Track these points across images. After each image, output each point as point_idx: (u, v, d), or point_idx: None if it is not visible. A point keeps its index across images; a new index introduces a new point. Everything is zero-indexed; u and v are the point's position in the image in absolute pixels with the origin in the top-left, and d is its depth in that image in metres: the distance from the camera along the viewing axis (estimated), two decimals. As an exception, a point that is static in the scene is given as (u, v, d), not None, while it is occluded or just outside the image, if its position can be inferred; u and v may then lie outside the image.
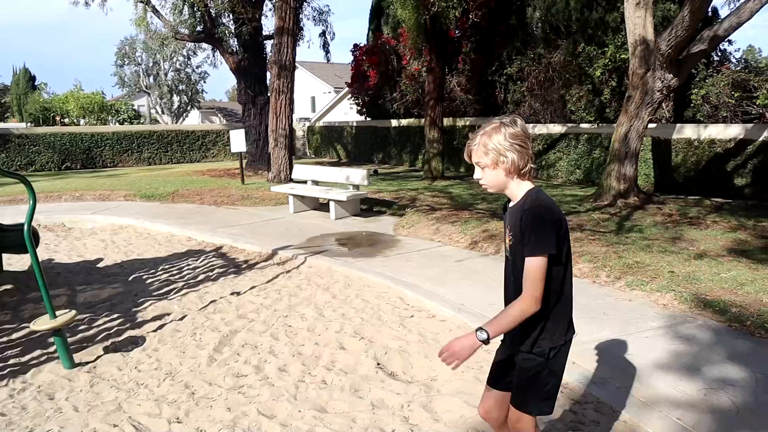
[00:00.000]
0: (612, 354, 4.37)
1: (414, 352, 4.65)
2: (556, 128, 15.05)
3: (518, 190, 2.34)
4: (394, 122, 21.18)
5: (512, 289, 2.42)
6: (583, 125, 14.43)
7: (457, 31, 17.66)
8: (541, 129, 15.43)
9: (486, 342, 2.23)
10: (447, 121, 17.24)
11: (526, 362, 2.41)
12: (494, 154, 2.27)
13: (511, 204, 2.41)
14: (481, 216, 9.48)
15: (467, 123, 17.72)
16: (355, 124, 24.13)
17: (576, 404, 3.70)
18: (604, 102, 14.13)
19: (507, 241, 2.41)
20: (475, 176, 2.39)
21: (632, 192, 10.50)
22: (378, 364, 4.45)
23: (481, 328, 2.24)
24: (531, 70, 15.87)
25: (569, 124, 14.85)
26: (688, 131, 12.08)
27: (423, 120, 17.10)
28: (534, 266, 2.19)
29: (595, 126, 14.11)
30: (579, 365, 4.18)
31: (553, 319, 2.34)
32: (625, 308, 5.40)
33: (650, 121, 10.69)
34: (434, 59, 15.15)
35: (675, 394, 3.72)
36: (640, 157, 11.24)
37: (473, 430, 3.42)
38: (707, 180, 11.64)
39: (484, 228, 8.46)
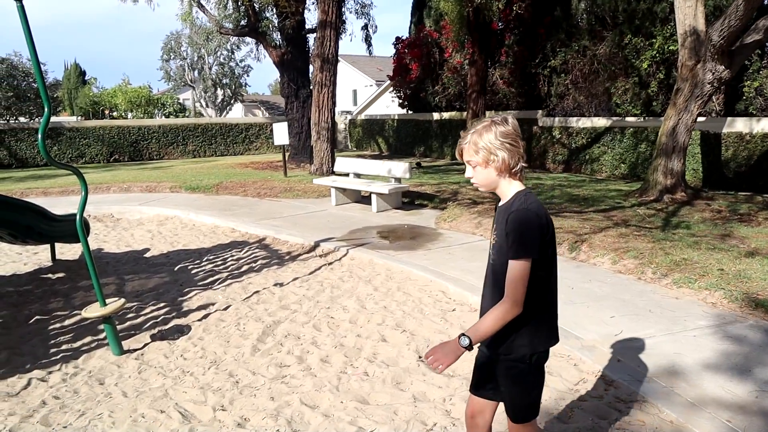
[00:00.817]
0: (658, 352, 4.28)
1: (455, 346, 4.63)
2: (601, 122, 14.78)
3: (508, 189, 2.33)
4: (435, 115, 21.09)
5: (489, 289, 2.40)
6: (629, 119, 14.13)
7: (500, 23, 17.48)
8: (585, 122, 15.18)
9: (469, 348, 2.20)
10: (489, 114, 17.05)
11: (509, 371, 2.37)
12: (485, 152, 2.27)
13: (500, 203, 2.39)
14: (524, 210, 9.37)
15: (510, 116, 17.54)
16: (396, 117, 24.11)
17: (621, 402, 3.64)
18: (650, 95, 13.80)
19: (492, 239, 2.39)
20: (466, 174, 2.39)
21: (679, 187, 10.25)
22: (420, 357, 4.46)
23: (463, 334, 2.22)
24: (575, 62, 15.60)
25: (614, 118, 14.56)
26: (739, 125, 11.71)
27: (465, 113, 17.01)
28: (516, 269, 2.17)
29: (641, 119, 13.80)
30: (624, 363, 4.11)
31: (534, 324, 2.30)
32: (672, 306, 5.28)
33: (699, 115, 10.41)
34: (477, 52, 15.04)
35: (724, 396, 3.63)
36: (688, 151, 10.96)
37: (515, 425, 3.40)
38: (759, 175, 11.28)
39: (527, 222, 8.37)
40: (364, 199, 11.76)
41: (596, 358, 4.22)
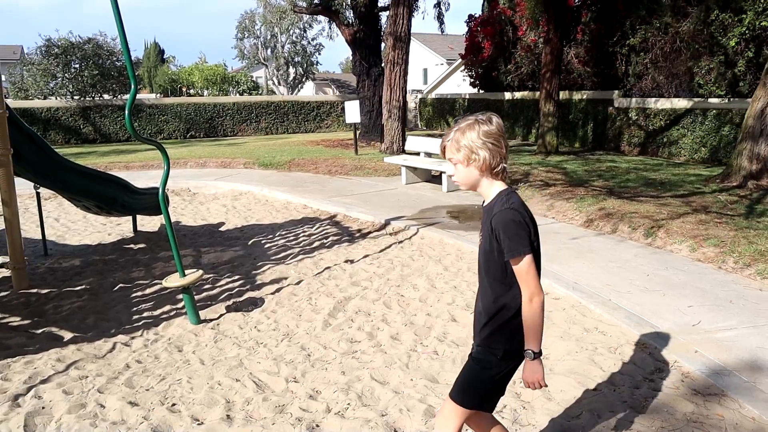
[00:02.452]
0: (739, 345, 4.12)
1: (525, 329, 4.59)
2: (681, 103, 14.15)
3: (490, 189, 2.31)
4: (507, 95, 20.71)
5: (480, 287, 2.40)
6: (712, 100, 13.48)
7: (576, 0, 16.93)
8: (664, 104, 14.58)
9: (539, 354, 2.25)
10: (563, 95, 16.65)
11: (477, 354, 2.38)
12: (466, 150, 2.25)
13: (484, 203, 2.37)
14: (598, 193, 9.14)
15: (584, 97, 17.04)
16: (467, 96, 23.82)
17: (697, 395, 3.53)
18: (737, 75, 13.10)
19: (479, 239, 2.39)
20: (447, 172, 2.38)
21: (766, 173, 9.74)
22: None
23: (525, 351, 2.26)
24: (656, 40, 14.95)
25: (696, 99, 13.92)
26: (835, 108, 11.00)
27: (538, 93, 16.61)
28: (521, 267, 2.19)
29: (726, 101, 13.14)
30: (701, 354, 3.98)
31: (512, 323, 2.28)
32: (755, 297, 5.06)
33: (792, 97, 9.82)
34: (552, 29, 14.62)
35: (811, 392, 3.46)
36: (777, 135, 10.37)
37: (588, 412, 3.35)
38: None
39: (601, 206, 8.17)
40: (434, 178, 11.73)
41: (672, 348, 4.10)
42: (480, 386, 2.34)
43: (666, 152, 14.45)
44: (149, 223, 8.96)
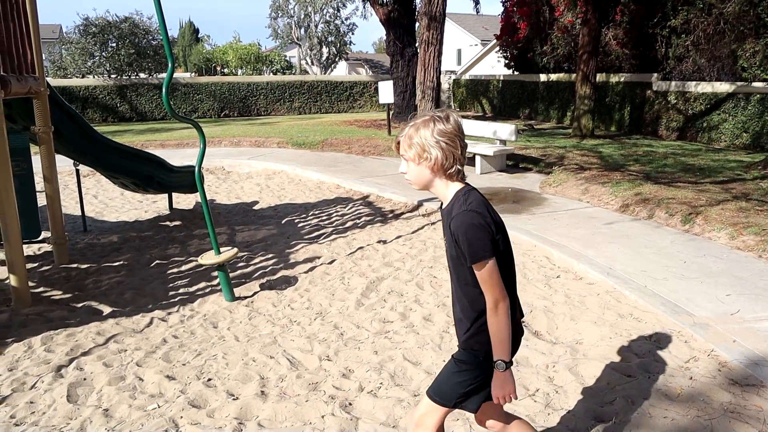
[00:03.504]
0: (779, 335, 4.04)
1: (559, 313, 4.57)
2: (723, 87, 13.78)
3: (445, 191, 2.19)
4: (542, 77, 20.40)
5: (454, 293, 2.30)
6: (757, 84, 13.08)
7: (616, -20, 16.54)
8: (704, 87, 14.21)
9: (509, 364, 2.15)
10: (600, 77, 16.31)
11: (458, 356, 2.29)
12: (417, 148, 2.13)
13: (442, 207, 2.25)
14: (634, 178, 8.99)
15: (622, 79, 16.69)
16: (502, 77, 23.52)
17: (734, 385, 3.47)
18: (785, 58, 12.69)
19: (444, 244, 2.30)
20: (400, 169, 2.25)
21: (811, 160, 9.47)
22: (523, 321, 4.42)
23: (496, 361, 2.15)
24: (699, 21, 14.53)
25: (739, 83, 13.53)
26: None
27: (574, 75, 16.34)
28: (482, 273, 2.07)
29: (771, 85, 12.76)
30: (739, 344, 3.91)
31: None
32: (797, 287, 4.94)
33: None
34: (590, 10, 14.32)
35: None
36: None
37: (622, 398, 3.33)
38: None
39: (637, 191, 8.03)
40: (467, 160, 11.62)
41: (709, 337, 4.03)
42: (457, 387, 2.26)
43: (705, 137, 14.11)
44: (184, 201, 9.08)
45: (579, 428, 3.08)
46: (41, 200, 6.17)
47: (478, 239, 2.05)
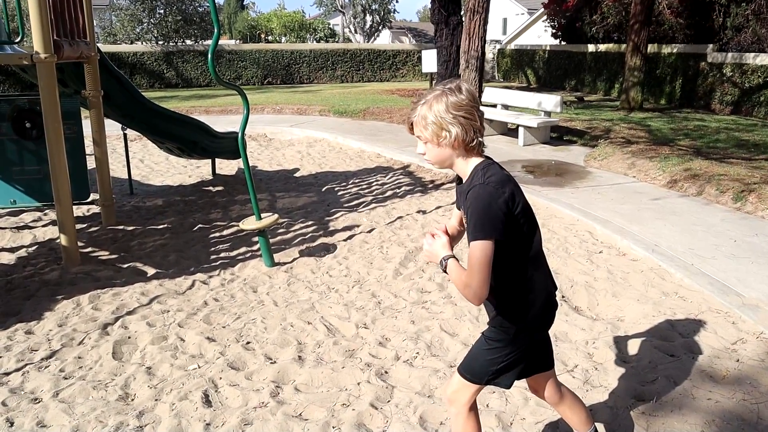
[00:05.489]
0: (833, 318, 3.88)
1: (601, 288, 4.48)
2: (785, 59, 13.20)
3: (466, 167, 2.05)
4: (591, 47, 19.84)
5: None
6: (820, 57, 12.50)
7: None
8: (764, 59, 13.60)
9: (444, 269, 2.03)
10: (651, 48, 15.77)
11: (488, 333, 2.22)
12: (434, 127, 1.98)
13: (461, 184, 2.12)
14: (684, 153, 8.71)
15: (674, 51, 16.12)
16: (548, 48, 22.99)
17: (783, 367, 3.36)
18: None
19: (461, 223, 2.21)
20: (418, 150, 2.11)
21: None
22: (563, 296, 4.36)
23: (450, 257, 2.03)
24: (761, -10, 13.90)
25: (802, 55, 12.94)
26: None
27: (624, 46, 15.85)
28: (475, 253, 1.89)
29: (836, 58, 12.16)
30: (790, 326, 3.78)
31: (521, 301, 2.11)
32: None
33: None
34: (645, -23, 13.81)
35: None
36: None
37: (665, 378, 3.25)
38: None
39: (686, 167, 7.78)
40: (510, 131, 11.46)
41: (759, 319, 3.90)
42: (488, 364, 2.21)
43: (762, 112, 13.57)
44: (227, 167, 9.18)
45: (618, 406, 3.02)
46: (90, 163, 6.31)
47: (489, 216, 1.91)
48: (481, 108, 2.07)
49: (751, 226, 5.86)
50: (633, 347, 3.61)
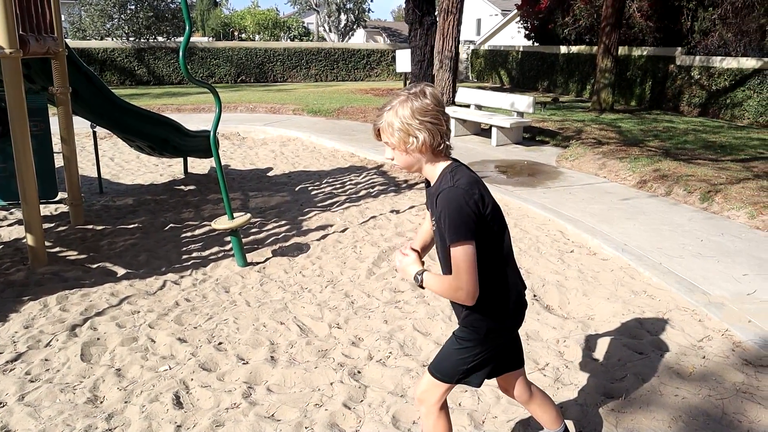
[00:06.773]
0: (795, 316, 3.98)
1: (572, 288, 4.54)
2: (749, 63, 13.47)
3: (434, 170, 2.08)
4: (563, 48, 20.06)
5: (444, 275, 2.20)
6: (784, 61, 12.79)
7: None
8: (730, 63, 13.90)
9: (419, 284, 2.10)
10: (622, 50, 16.00)
11: (459, 333, 2.25)
12: (401, 134, 1.99)
13: (429, 188, 2.15)
14: (653, 154, 8.86)
15: (644, 53, 16.37)
16: (521, 49, 23.18)
17: (748, 365, 3.44)
18: (813, 35, 12.37)
19: (431, 226, 2.23)
20: (386, 155, 2.13)
21: (836, 140, 9.27)
22: (534, 295, 4.41)
23: (423, 272, 2.09)
24: (727, -5, 14.20)
25: (766, 59, 13.23)
26: None
27: (595, 48, 16.05)
28: (459, 256, 1.93)
29: (799, 62, 12.45)
30: (755, 324, 3.87)
31: (492, 302, 2.13)
32: (816, 268, 4.87)
33: None
34: (616, -19, 14.00)
35: None
36: None
37: (633, 375, 3.31)
38: None
39: (656, 167, 7.92)
40: (483, 131, 11.53)
41: (724, 316, 3.99)
42: (459, 363, 2.23)
43: (728, 114, 13.86)
44: (199, 166, 9.09)
45: (588, 403, 3.07)
46: (58, 161, 6.19)
47: (461, 219, 1.93)
48: (447, 110, 2.08)
49: (717, 225, 5.98)
50: (603, 345, 3.67)
